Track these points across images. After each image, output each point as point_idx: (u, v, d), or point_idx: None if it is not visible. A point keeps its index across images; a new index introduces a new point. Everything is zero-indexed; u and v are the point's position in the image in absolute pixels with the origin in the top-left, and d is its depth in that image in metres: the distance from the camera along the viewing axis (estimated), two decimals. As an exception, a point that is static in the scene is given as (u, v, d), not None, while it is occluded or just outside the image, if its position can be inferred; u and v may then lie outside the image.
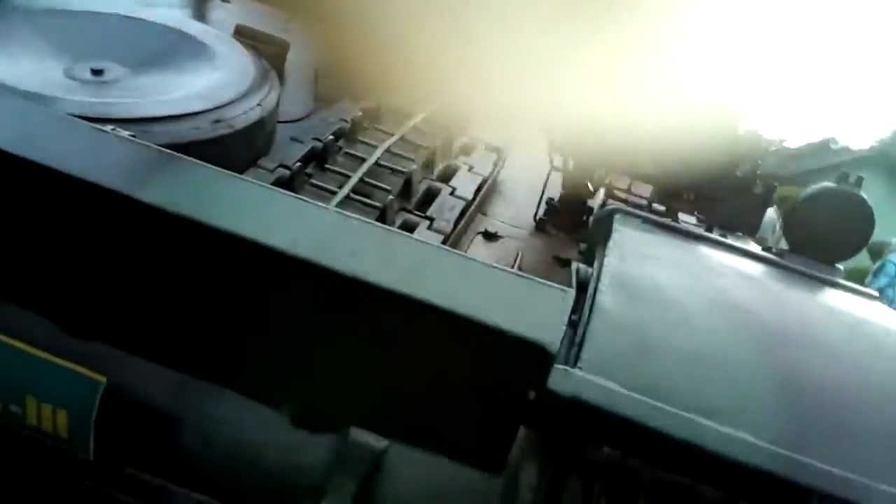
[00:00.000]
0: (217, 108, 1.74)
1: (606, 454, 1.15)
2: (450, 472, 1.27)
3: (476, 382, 1.21)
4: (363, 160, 1.96)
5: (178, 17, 2.14)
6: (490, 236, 2.09)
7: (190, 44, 2.02)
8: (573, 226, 2.27)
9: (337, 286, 1.18)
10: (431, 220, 1.85)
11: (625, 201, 2.30)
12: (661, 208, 2.33)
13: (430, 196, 1.99)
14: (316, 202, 1.37)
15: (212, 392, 1.35)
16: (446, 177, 2.14)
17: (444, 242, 1.79)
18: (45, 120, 1.37)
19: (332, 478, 1.26)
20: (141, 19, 2.05)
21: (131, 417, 1.36)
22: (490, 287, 1.22)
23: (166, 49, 2.00)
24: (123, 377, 1.35)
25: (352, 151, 2.03)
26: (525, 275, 1.28)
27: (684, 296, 1.31)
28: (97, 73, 1.86)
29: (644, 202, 2.38)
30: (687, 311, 1.27)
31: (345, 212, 1.38)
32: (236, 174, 1.37)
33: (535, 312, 1.17)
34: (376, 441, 1.28)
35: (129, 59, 1.94)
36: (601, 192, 2.36)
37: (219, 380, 1.34)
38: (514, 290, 1.22)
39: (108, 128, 1.35)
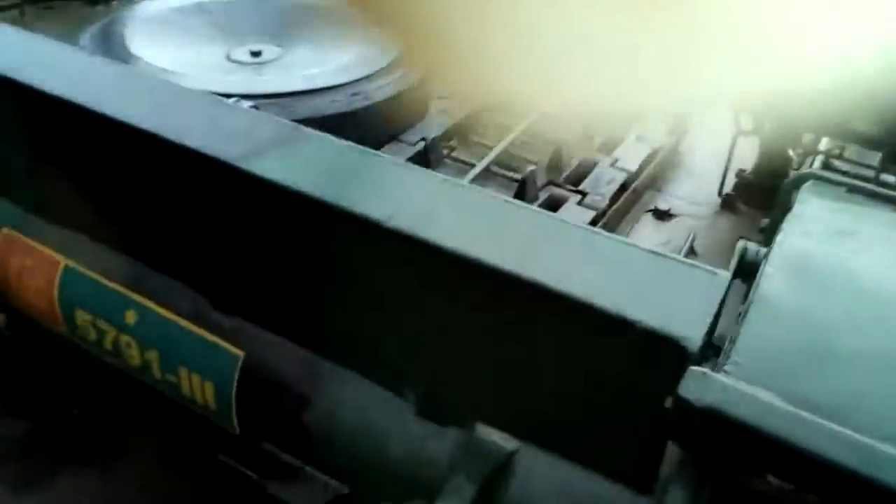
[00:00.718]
0: (356, 81, 1.70)
1: (776, 485, 0.90)
2: (588, 485, 1.10)
3: (608, 382, 1.02)
4: (511, 130, 1.79)
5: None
6: (662, 214, 1.81)
7: (343, 22, 2.00)
8: (770, 202, 1.89)
9: (441, 264, 1.06)
10: (584, 194, 1.63)
11: (845, 172, 1.86)
12: (892, 179, 1.87)
13: (585, 168, 1.77)
14: (444, 175, 1.26)
15: (340, 374, 1.31)
16: (610, 147, 1.89)
17: (597, 220, 1.57)
18: (175, 95, 1.39)
19: (451, 477, 1.15)
20: (299, 1, 2.08)
21: (265, 393, 1.36)
22: (622, 268, 1.02)
23: (322, 28, 2.01)
24: (260, 352, 1.35)
25: (502, 121, 1.87)
26: (669, 255, 1.04)
27: (893, 287, 0.98)
28: (255, 54, 1.92)
29: (871, 172, 1.92)
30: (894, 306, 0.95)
31: (469, 184, 1.24)
32: (355, 145, 1.30)
33: (675, 300, 0.95)
34: (505, 441, 1.14)
35: (286, 39, 1.98)
36: (811, 161, 1.94)
37: (347, 361, 1.29)
38: (651, 272, 1.00)
39: (232, 100, 1.34)
